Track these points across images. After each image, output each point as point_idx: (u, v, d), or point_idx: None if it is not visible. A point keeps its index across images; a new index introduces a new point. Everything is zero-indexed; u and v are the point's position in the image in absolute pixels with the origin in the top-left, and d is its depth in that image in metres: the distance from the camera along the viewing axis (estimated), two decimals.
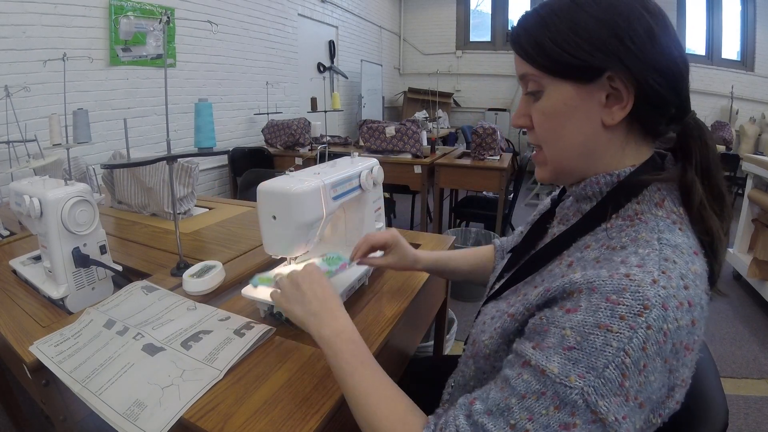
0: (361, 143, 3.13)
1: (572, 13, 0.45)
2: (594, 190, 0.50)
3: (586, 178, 0.51)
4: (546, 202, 0.67)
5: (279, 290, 0.65)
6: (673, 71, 0.45)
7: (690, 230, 0.46)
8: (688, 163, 0.47)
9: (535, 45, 0.47)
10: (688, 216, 0.47)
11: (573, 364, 0.38)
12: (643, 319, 0.37)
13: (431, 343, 1.46)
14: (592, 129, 0.47)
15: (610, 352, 0.37)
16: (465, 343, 0.61)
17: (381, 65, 6.09)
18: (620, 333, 0.37)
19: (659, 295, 0.38)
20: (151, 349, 0.67)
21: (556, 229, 0.57)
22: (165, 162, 0.96)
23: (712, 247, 0.46)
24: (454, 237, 1.23)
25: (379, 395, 0.51)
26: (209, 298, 0.90)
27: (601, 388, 0.37)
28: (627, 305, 0.38)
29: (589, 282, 0.40)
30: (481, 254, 0.87)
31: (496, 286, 0.60)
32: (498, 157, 2.96)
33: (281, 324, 0.77)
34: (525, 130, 0.54)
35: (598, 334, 0.38)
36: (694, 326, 0.40)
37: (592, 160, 0.50)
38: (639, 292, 0.38)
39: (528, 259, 0.57)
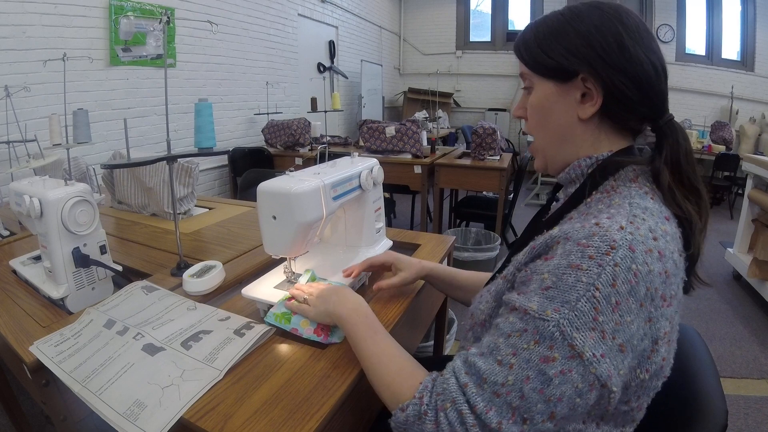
0: (361, 143, 3.13)
1: (558, 25, 0.54)
2: (577, 172, 0.57)
3: (568, 165, 0.59)
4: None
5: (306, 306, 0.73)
6: (641, 77, 0.51)
7: (662, 201, 0.51)
8: (658, 154, 0.53)
9: (526, 48, 0.57)
10: (660, 193, 0.52)
11: (549, 301, 0.44)
12: (610, 257, 0.42)
13: (431, 343, 1.46)
14: (568, 121, 0.55)
15: (581, 287, 0.42)
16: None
17: (381, 65, 6.09)
18: (589, 270, 0.42)
19: (626, 239, 0.43)
20: (151, 349, 0.67)
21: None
22: (165, 162, 0.96)
23: (690, 224, 0.51)
24: (454, 237, 1.23)
25: (389, 355, 0.59)
26: (209, 298, 0.90)
27: (575, 321, 0.42)
28: (595, 247, 0.43)
29: (565, 234, 0.46)
30: (483, 276, 0.86)
31: (494, 274, 0.66)
32: (498, 157, 2.96)
33: None
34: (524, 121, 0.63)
35: (570, 273, 0.43)
36: (669, 278, 0.45)
37: (571, 147, 0.57)
38: (606, 236, 0.44)
39: (522, 242, 0.61)
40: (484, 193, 3.31)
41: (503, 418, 0.44)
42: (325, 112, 2.74)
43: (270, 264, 0.97)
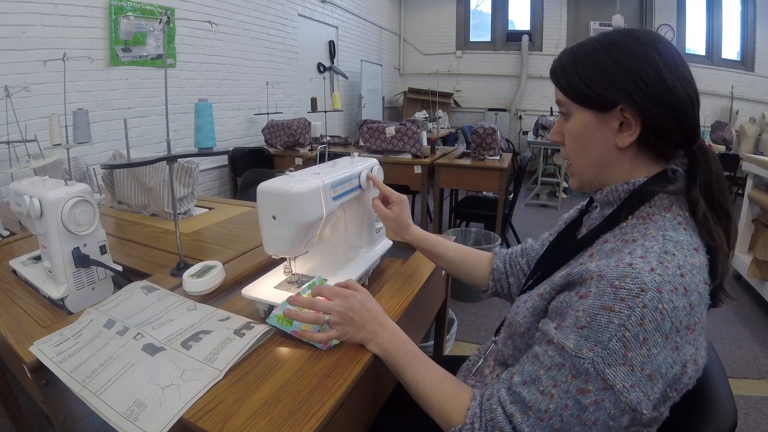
0: (361, 143, 3.13)
1: (597, 55, 0.55)
2: (614, 196, 0.59)
3: (605, 187, 0.60)
4: (571, 212, 0.76)
5: (333, 329, 0.69)
6: (676, 106, 0.53)
7: (694, 230, 0.53)
8: (693, 182, 0.54)
9: (566, 78, 0.58)
10: (693, 220, 0.54)
11: (584, 340, 0.47)
12: (639, 300, 0.45)
13: (431, 343, 1.46)
14: (606, 149, 0.57)
15: (612, 328, 0.45)
16: (499, 329, 0.74)
17: (381, 65, 6.09)
18: (620, 312, 0.45)
19: (655, 281, 0.46)
20: (151, 349, 0.67)
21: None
22: (165, 162, 0.96)
23: (718, 252, 0.53)
24: (454, 237, 1.22)
25: (432, 379, 0.61)
26: (209, 298, 0.90)
27: (607, 358, 0.45)
28: (627, 289, 0.46)
29: (600, 270, 0.49)
30: (473, 256, 0.90)
31: (529, 282, 0.68)
32: (498, 157, 2.96)
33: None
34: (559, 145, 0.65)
35: (603, 315, 0.46)
36: (693, 309, 0.47)
37: (608, 172, 0.59)
38: (638, 278, 0.46)
39: (557, 257, 0.64)
40: (484, 193, 3.31)
41: None
42: (325, 112, 2.74)
43: (270, 264, 0.97)
